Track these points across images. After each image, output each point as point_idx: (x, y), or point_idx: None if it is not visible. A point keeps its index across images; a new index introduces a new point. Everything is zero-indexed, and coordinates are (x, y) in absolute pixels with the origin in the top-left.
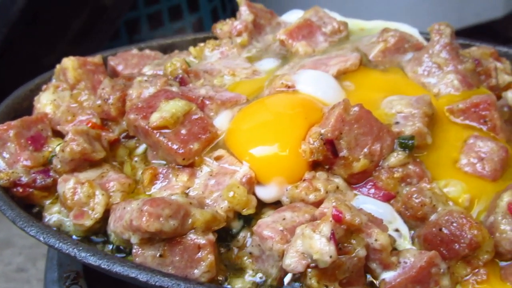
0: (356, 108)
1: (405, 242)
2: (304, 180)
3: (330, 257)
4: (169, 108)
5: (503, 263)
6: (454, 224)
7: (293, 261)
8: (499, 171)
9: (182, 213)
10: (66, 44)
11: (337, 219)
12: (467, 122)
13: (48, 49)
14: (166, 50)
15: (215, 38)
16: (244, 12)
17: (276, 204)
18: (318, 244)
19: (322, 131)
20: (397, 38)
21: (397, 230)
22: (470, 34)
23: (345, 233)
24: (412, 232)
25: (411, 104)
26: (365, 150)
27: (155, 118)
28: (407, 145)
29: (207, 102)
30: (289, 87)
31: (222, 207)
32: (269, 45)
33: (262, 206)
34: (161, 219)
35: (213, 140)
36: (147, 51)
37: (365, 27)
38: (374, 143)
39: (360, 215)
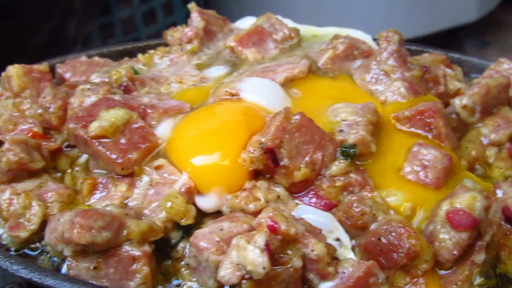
0: (297, 117)
1: (346, 252)
2: (244, 189)
3: (264, 268)
4: (108, 117)
5: (442, 272)
6: (393, 234)
7: (227, 272)
8: (442, 179)
9: (116, 225)
10: (37, 49)
11: (272, 230)
12: (413, 129)
13: (18, 53)
14: (117, 57)
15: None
16: (195, 18)
17: (219, 214)
18: (252, 255)
19: (263, 139)
20: (346, 45)
21: (338, 240)
22: (446, 38)
23: (281, 243)
24: (353, 241)
25: (356, 111)
26: (307, 158)
27: (94, 127)
28: (348, 154)
29: (149, 111)
30: (233, 95)
31: (160, 218)
32: (220, 52)
33: (203, 216)
34: (93, 231)
35: (153, 149)
36: (96, 58)
37: (318, 34)
38: (316, 151)
39: (296, 225)
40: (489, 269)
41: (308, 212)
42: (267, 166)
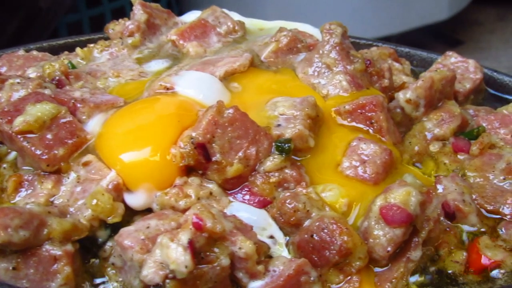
0: (230, 111)
1: (280, 249)
2: (175, 186)
3: (186, 267)
4: (34, 112)
5: (378, 269)
6: (325, 230)
7: (150, 272)
8: (381, 175)
9: (36, 223)
10: (2, 47)
11: (198, 227)
12: (354, 124)
13: None
14: (58, 51)
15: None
16: (138, 11)
17: (151, 212)
18: (174, 253)
19: (193, 134)
20: (289, 38)
21: (271, 237)
22: (418, 37)
23: (207, 241)
24: (288, 238)
25: (295, 105)
26: (240, 154)
27: (18, 122)
28: (283, 149)
29: (79, 105)
30: (167, 89)
31: (85, 216)
32: (162, 46)
33: (134, 213)
34: (9, 229)
35: (82, 145)
36: (34, 53)
37: (264, 27)
38: (250, 146)
39: (223, 222)
40: (427, 266)
41: (241, 209)
42: (199, 162)
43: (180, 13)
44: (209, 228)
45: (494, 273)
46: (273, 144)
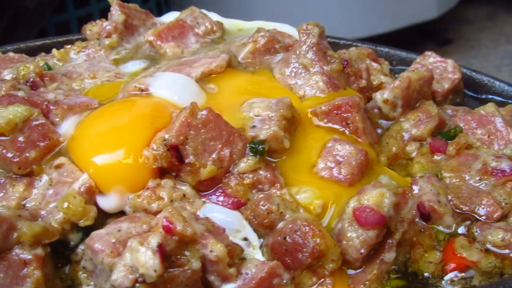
0: (204, 112)
1: (254, 252)
2: (148, 188)
3: (155, 271)
4: (6, 114)
5: (351, 272)
6: (298, 233)
7: (120, 276)
8: (356, 176)
9: (5, 227)
10: None
11: (168, 230)
12: (330, 125)
13: None
14: (36, 52)
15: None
16: (115, 12)
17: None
18: (143, 257)
19: (166, 136)
20: (267, 39)
21: (245, 239)
22: (408, 36)
23: (178, 244)
24: (262, 240)
25: (270, 107)
26: (214, 155)
27: None
28: (257, 150)
29: (52, 107)
30: (142, 90)
31: (56, 219)
32: (140, 47)
33: (108, 216)
34: None
35: (54, 148)
36: (11, 54)
37: (243, 28)
38: (224, 148)
39: (194, 225)
40: (401, 268)
41: (215, 211)
42: (172, 164)
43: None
44: (180, 231)
45: (469, 273)
46: (247, 145)
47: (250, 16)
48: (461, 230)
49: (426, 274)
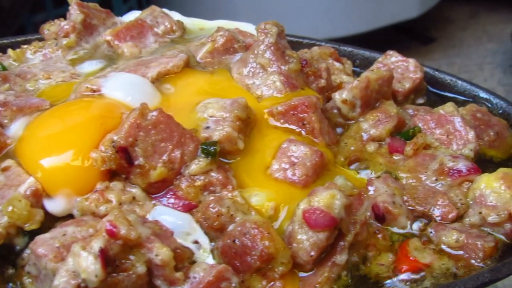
0: (154, 113)
1: (205, 255)
2: (96, 191)
3: (96, 276)
4: None
5: (303, 274)
6: (247, 235)
7: (62, 281)
8: (310, 177)
9: None
10: None
11: (111, 234)
12: (286, 125)
13: None
14: None
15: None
16: (74, 11)
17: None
18: (85, 262)
19: (115, 138)
20: (225, 38)
21: (196, 242)
22: (391, 34)
23: (123, 248)
24: (213, 243)
25: (224, 107)
26: (164, 157)
27: None
28: (209, 152)
29: (0, 109)
30: (94, 91)
31: (1, 223)
32: (98, 47)
33: (56, 220)
34: None
35: (1, 150)
36: None
37: (205, 27)
38: (174, 150)
39: (138, 229)
40: (354, 269)
41: (165, 213)
42: (121, 166)
43: None
44: (123, 235)
45: (421, 275)
46: (199, 147)
47: (231, 16)
48: (416, 231)
49: (378, 276)
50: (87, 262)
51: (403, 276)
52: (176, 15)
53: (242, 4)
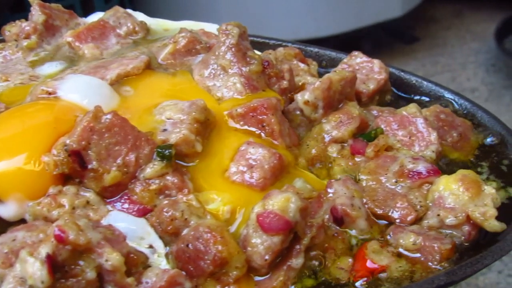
0: (108, 116)
1: (159, 259)
2: (48, 195)
3: (42, 282)
4: None
5: (258, 278)
6: (200, 240)
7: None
8: (269, 180)
9: None
10: None
11: (60, 240)
12: (246, 127)
13: None
14: None
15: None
16: (35, 12)
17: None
18: (31, 268)
19: (67, 141)
20: (187, 39)
21: (151, 247)
22: (376, 34)
23: (72, 254)
24: (168, 248)
25: (182, 109)
26: (118, 161)
27: None
28: (164, 155)
29: None
30: (50, 93)
31: None
32: (60, 48)
33: (10, 224)
34: None
35: None
36: None
37: (170, 28)
38: (129, 153)
39: (87, 234)
40: (312, 273)
41: (119, 218)
42: (74, 170)
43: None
44: (72, 240)
45: (378, 278)
46: (155, 150)
47: (214, 17)
48: (376, 234)
49: (338, 280)
50: (34, 268)
51: (361, 280)
52: (140, 16)
53: (225, 5)
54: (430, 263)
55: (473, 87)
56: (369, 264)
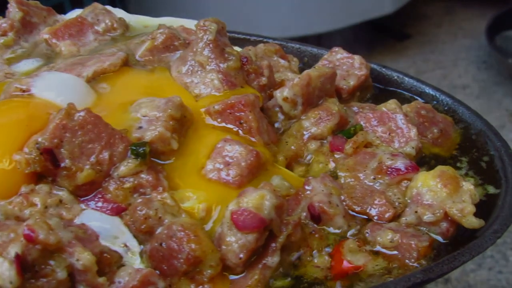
0: (81, 113)
1: (133, 258)
2: (20, 194)
3: (11, 283)
4: None
5: (233, 277)
6: (173, 238)
7: None
8: (245, 177)
9: None
10: None
11: (29, 239)
12: (224, 124)
13: None
14: None
15: None
16: (13, 9)
17: None
18: (0, 268)
19: (39, 139)
20: (165, 36)
21: (125, 246)
22: (366, 31)
23: (42, 253)
24: (142, 247)
25: (158, 106)
26: (92, 159)
27: None
28: (138, 153)
29: None
30: (24, 91)
31: None
32: (37, 45)
33: None
34: None
35: None
36: None
37: (149, 24)
38: (103, 151)
39: (57, 233)
40: (289, 271)
41: (93, 217)
42: (47, 168)
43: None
44: (42, 239)
45: (354, 277)
46: (129, 148)
47: (202, 15)
48: (353, 231)
49: (313, 277)
50: (2, 268)
51: (337, 278)
52: (119, 13)
53: (214, 3)
54: (407, 261)
55: (464, 84)
56: (345, 264)
